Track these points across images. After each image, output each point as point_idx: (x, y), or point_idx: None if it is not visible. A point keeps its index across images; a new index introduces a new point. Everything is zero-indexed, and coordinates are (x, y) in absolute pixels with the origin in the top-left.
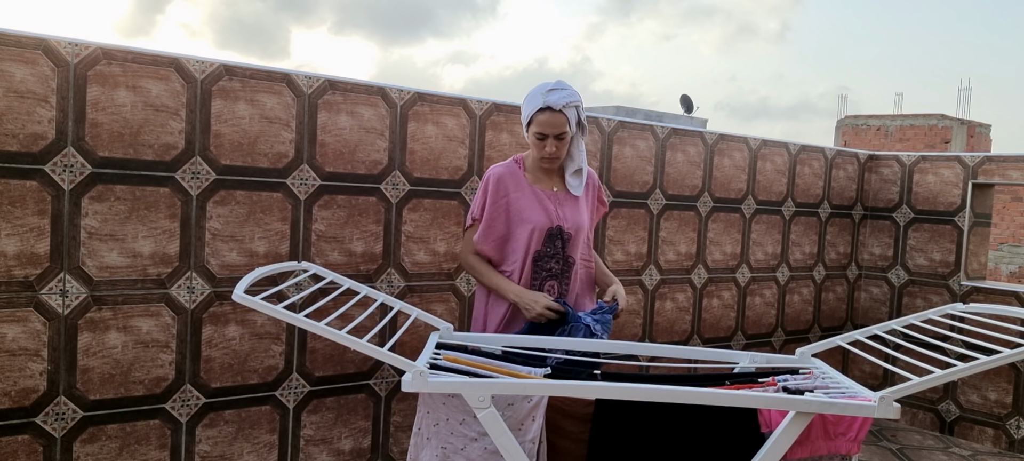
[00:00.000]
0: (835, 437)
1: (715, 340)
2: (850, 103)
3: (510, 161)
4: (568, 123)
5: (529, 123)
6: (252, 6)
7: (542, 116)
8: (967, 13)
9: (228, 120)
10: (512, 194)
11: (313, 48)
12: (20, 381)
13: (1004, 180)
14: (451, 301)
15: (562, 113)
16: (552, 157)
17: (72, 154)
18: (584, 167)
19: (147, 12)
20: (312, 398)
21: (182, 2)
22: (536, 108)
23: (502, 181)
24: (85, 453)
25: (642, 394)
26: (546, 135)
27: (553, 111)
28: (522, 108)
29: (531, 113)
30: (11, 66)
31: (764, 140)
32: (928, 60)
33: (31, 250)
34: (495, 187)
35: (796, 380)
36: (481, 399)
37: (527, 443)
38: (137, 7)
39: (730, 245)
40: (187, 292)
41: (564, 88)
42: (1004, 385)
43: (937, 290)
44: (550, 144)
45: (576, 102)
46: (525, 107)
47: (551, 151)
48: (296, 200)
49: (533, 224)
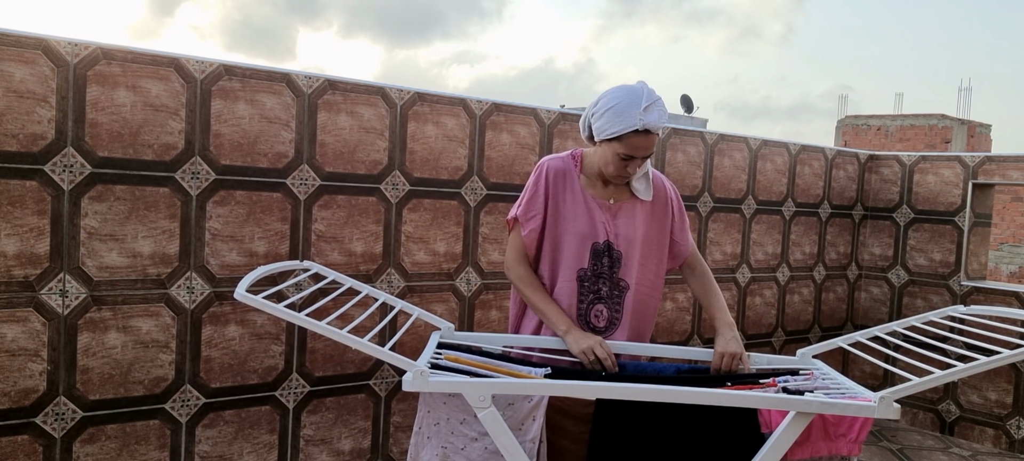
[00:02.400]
0: (835, 438)
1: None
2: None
3: (567, 156)
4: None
5: (615, 139)
6: (262, 9)
7: (637, 139)
8: (967, 13)
9: (228, 120)
10: (563, 194)
11: (320, 50)
12: (20, 381)
13: (1004, 180)
14: (451, 301)
15: (657, 133)
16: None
17: (72, 154)
18: (650, 170)
19: (160, 14)
20: (312, 398)
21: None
22: (631, 128)
23: (558, 177)
24: (85, 453)
25: (642, 394)
26: (634, 158)
27: (652, 134)
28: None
29: (622, 131)
30: (11, 66)
31: (764, 140)
32: (928, 60)
33: (31, 250)
34: (551, 181)
35: (796, 381)
36: (481, 399)
37: (527, 443)
38: (151, 9)
39: (730, 245)
40: (187, 292)
41: (658, 103)
42: (1004, 385)
43: (937, 290)
44: (635, 165)
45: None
46: (612, 120)
47: (632, 172)
48: (296, 200)
49: (579, 236)
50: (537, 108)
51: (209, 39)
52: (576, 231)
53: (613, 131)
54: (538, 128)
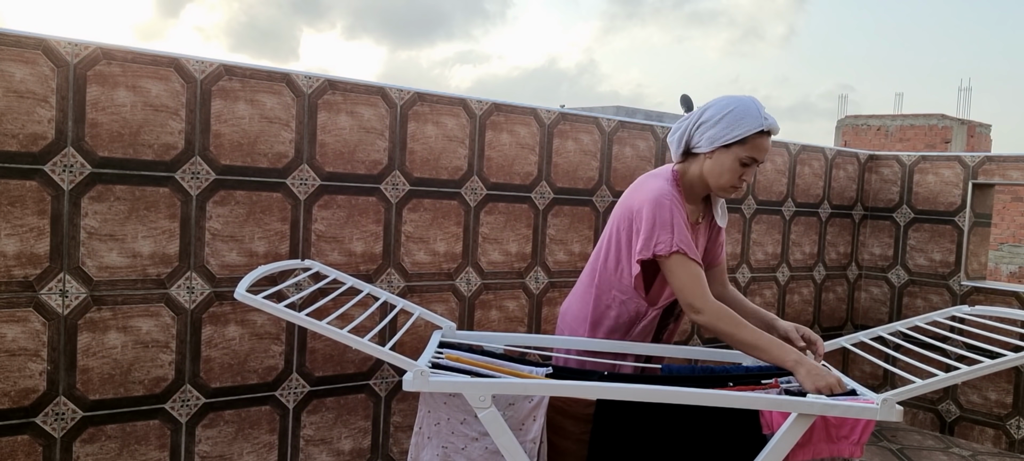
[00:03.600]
0: (837, 439)
1: (715, 340)
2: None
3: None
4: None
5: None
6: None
7: (762, 140)
8: (967, 13)
9: (228, 120)
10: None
11: (324, 52)
12: (20, 381)
13: (1004, 180)
14: (451, 301)
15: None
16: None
17: (72, 154)
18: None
19: (166, 16)
20: (312, 398)
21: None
22: (756, 129)
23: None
24: (85, 453)
25: (643, 395)
26: (757, 161)
27: (772, 135)
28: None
29: (748, 133)
30: (11, 66)
31: None
32: (928, 60)
33: (31, 250)
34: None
35: (798, 381)
36: (482, 399)
37: (528, 443)
38: (158, 11)
39: (730, 245)
40: (187, 292)
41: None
42: (1004, 385)
43: (937, 290)
44: (750, 172)
45: None
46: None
47: (749, 180)
48: (296, 200)
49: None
50: (537, 108)
51: (214, 40)
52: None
53: (737, 134)
54: (538, 128)
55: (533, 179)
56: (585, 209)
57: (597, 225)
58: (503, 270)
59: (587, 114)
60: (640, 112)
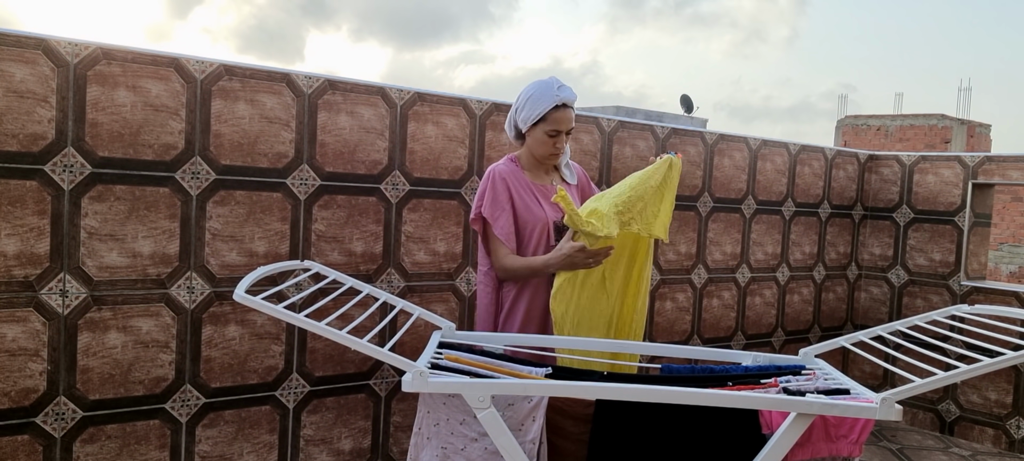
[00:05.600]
0: (836, 439)
1: (715, 340)
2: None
3: (507, 160)
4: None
5: (540, 120)
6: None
7: (559, 113)
8: (967, 13)
9: (228, 120)
10: (517, 190)
11: (329, 53)
12: (20, 381)
13: (1004, 180)
14: (451, 301)
15: (573, 108)
16: (557, 153)
17: (72, 154)
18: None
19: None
20: (312, 398)
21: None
22: (552, 105)
23: (508, 176)
24: (85, 453)
25: (642, 395)
26: (560, 131)
27: (569, 107)
28: (527, 106)
29: (545, 110)
30: (11, 66)
31: (764, 140)
32: (928, 60)
33: (31, 250)
34: (505, 179)
35: (797, 381)
36: (481, 399)
37: (527, 444)
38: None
39: (730, 245)
40: (187, 292)
41: (565, 84)
42: (1004, 385)
43: (937, 290)
44: (561, 140)
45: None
46: (534, 105)
47: (561, 147)
48: (296, 200)
49: (541, 220)
50: None
51: (222, 42)
52: (538, 217)
53: (537, 113)
54: None
55: None
56: None
57: None
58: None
59: (587, 114)
60: (640, 112)
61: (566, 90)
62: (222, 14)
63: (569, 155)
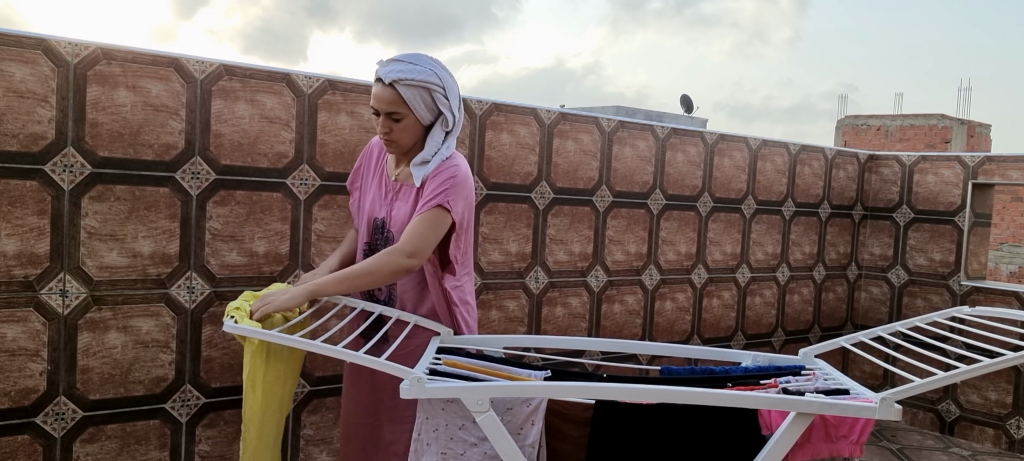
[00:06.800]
0: (836, 439)
1: (715, 340)
2: (851, 103)
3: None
4: (404, 104)
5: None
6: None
7: (374, 88)
8: (967, 13)
9: (228, 120)
10: (368, 169)
11: (333, 54)
12: (20, 381)
13: (1004, 180)
14: None
15: (393, 89)
16: (387, 140)
17: (72, 154)
18: (433, 161)
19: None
20: (312, 398)
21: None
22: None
23: (375, 152)
24: (85, 453)
25: (642, 395)
26: (377, 112)
27: (381, 84)
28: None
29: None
30: (11, 66)
31: (764, 140)
32: (928, 60)
33: (31, 250)
34: (369, 156)
35: (797, 381)
36: (479, 403)
37: (527, 447)
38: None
39: (730, 245)
40: (187, 292)
41: (409, 62)
42: (1004, 385)
43: (937, 290)
44: (383, 123)
45: (420, 81)
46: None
47: (384, 132)
48: (296, 200)
49: (367, 210)
50: (537, 108)
51: (226, 43)
52: (364, 204)
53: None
54: (538, 128)
55: (533, 179)
56: (585, 209)
57: (597, 225)
58: (503, 270)
59: (587, 114)
60: (640, 112)
61: (391, 66)
62: (227, 15)
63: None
